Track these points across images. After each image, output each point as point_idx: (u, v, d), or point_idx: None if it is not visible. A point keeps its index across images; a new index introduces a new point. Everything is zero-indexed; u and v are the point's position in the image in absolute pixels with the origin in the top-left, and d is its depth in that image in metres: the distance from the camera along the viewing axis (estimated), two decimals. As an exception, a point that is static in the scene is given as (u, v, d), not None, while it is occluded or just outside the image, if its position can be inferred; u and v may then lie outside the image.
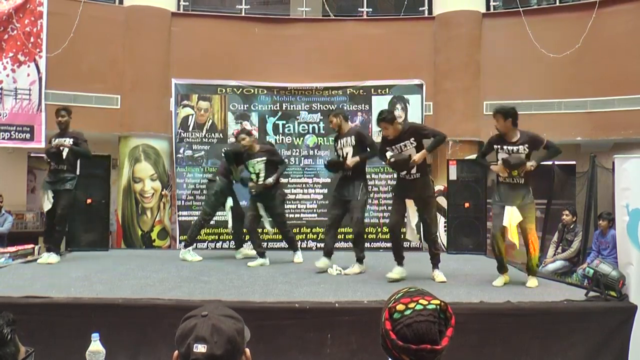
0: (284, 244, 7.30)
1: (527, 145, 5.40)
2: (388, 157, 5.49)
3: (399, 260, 5.63)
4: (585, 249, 8.08)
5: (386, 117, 5.49)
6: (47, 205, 6.41)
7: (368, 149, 6.02)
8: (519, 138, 5.45)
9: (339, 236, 8.84)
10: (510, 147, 5.42)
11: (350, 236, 7.01)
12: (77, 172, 6.66)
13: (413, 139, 5.53)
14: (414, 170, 5.48)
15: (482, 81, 9.57)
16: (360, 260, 6.05)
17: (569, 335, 4.23)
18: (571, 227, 8.26)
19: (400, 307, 1.59)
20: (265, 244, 8.17)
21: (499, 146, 5.49)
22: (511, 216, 5.36)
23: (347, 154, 6.00)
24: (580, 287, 5.26)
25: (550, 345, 4.19)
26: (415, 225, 5.69)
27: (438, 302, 1.60)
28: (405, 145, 5.53)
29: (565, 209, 8.40)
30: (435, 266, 5.63)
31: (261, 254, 6.52)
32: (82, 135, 6.63)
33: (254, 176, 6.51)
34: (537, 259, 5.71)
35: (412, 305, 1.58)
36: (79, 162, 6.78)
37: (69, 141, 6.44)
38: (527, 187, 5.49)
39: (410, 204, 5.59)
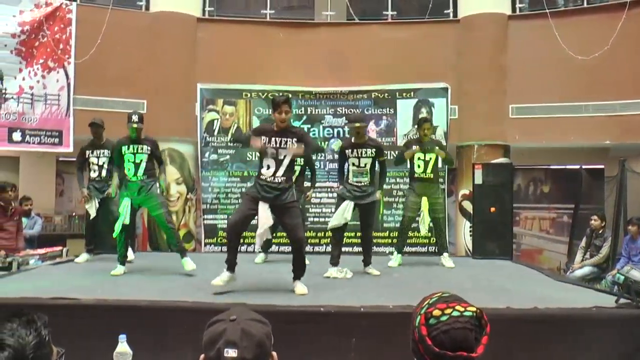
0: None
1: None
2: None
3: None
4: (615, 254, 7.93)
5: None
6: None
7: None
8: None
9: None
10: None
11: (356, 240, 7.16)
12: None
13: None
14: None
15: (507, 84, 9.48)
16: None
17: (598, 344, 4.14)
18: (600, 232, 8.10)
19: (436, 312, 1.58)
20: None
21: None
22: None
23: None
24: (610, 294, 5.15)
25: (578, 353, 4.10)
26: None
27: (474, 309, 1.59)
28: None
29: (594, 214, 8.25)
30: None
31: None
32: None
33: None
34: None
35: (448, 311, 1.57)
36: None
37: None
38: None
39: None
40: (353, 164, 6.08)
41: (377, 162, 6.13)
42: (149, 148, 6.17)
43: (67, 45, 9.12)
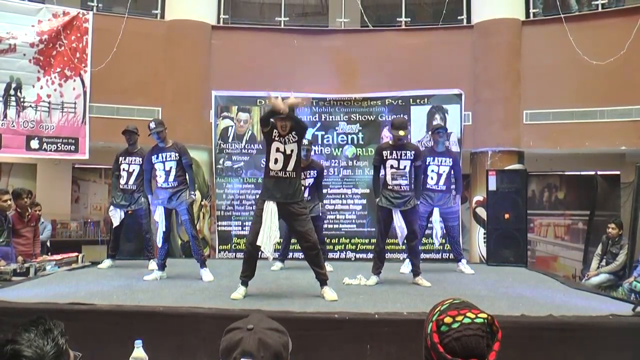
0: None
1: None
2: None
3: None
4: (632, 262, 7.84)
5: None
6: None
7: None
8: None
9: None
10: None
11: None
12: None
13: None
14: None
15: (522, 90, 9.44)
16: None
17: (616, 352, 4.09)
18: (616, 239, 8.01)
19: (447, 319, 1.59)
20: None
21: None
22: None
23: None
24: (627, 302, 5.11)
25: (595, 361, 4.07)
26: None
27: (485, 315, 1.60)
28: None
29: (611, 222, 8.13)
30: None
31: None
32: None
33: None
34: None
35: (459, 318, 1.58)
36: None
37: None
38: None
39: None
40: (392, 167, 5.98)
41: (413, 166, 6.02)
42: (177, 154, 6.30)
43: (83, 53, 9.23)
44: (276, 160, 5.11)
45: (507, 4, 9.66)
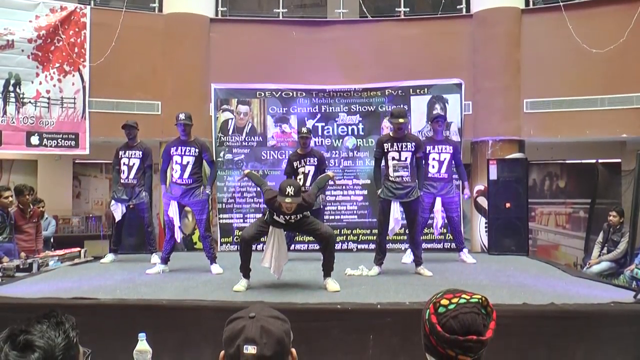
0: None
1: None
2: None
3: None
4: (633, 249, 7.85)
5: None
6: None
7: None
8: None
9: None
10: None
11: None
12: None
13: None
14: None
15: (522, 79, 9.41)
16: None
17: (617, 340, 4.11)
18: (617, 227, 8.01)
19: (444, 301, 1.66)
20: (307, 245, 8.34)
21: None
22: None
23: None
24: (629, 289, 5.12)
25: (596, 349, 4.08)
26: None
27: (479, 296, 1.67)
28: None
29: (612, 210, 8.14)
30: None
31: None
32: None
33: None
34: None
35: (455, 300, 1.65)
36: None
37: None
38: None
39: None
40: (393, 158, 5.98)
41: (414, 157, 6.02)
42: (197, 150, 6.27)
43: (82, 48, 9.22)
44: (280, 218, 5.16)
45: (506, -8, 9.63)
